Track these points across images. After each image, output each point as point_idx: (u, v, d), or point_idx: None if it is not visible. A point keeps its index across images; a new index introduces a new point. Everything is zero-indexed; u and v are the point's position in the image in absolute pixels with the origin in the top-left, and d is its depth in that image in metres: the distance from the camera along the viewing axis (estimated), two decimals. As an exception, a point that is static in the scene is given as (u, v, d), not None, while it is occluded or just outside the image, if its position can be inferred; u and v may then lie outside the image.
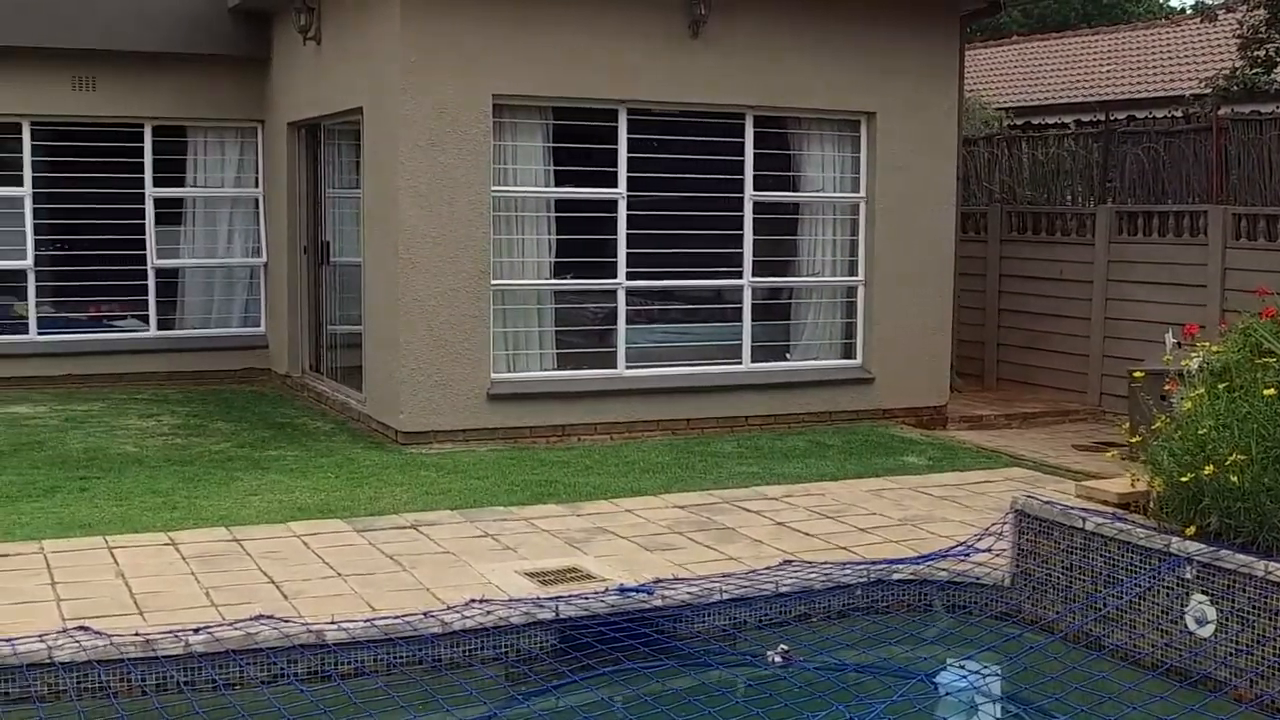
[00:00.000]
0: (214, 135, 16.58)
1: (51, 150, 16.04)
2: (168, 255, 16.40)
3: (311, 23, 14.23)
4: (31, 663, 6.75)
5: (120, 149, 16.08)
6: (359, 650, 7.16)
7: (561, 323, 13.37)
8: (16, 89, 15.60)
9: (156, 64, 15.95)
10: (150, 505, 10.10)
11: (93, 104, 15.93)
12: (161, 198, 16.32)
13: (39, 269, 15.92)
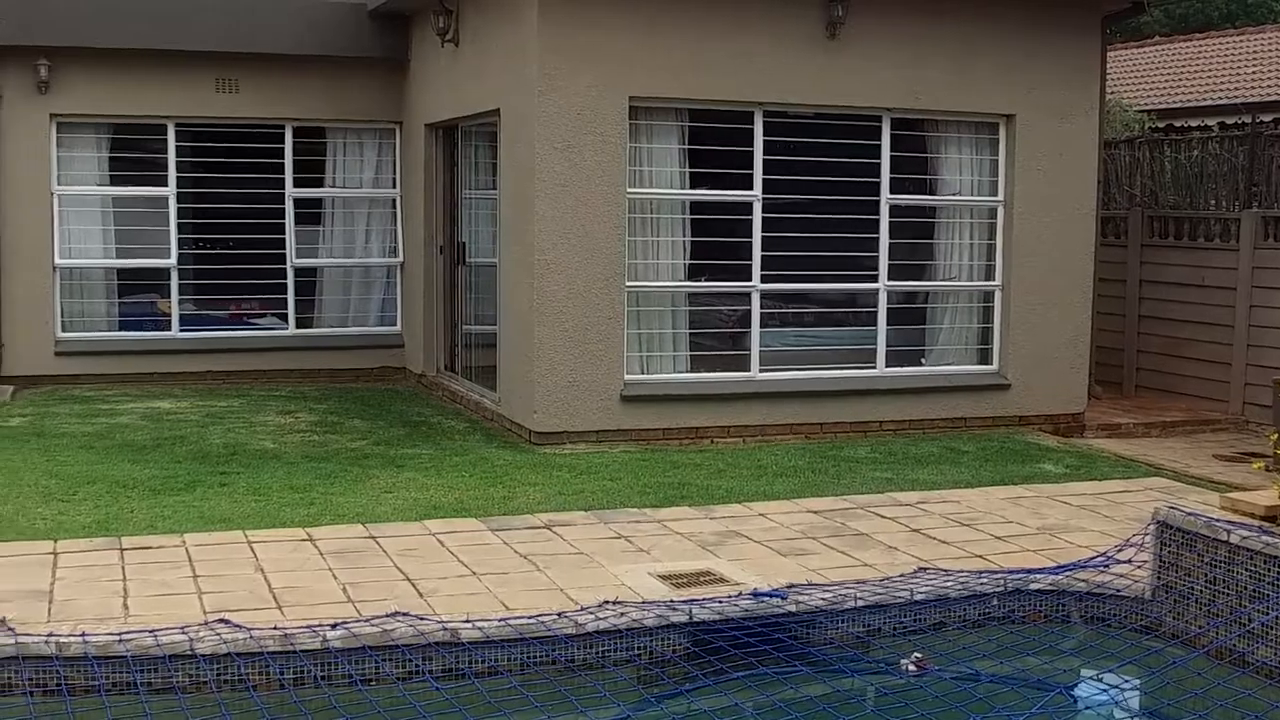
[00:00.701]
0: (353, 136, 16.80)
1: (195, 151, 16.36)
2: (307, 255, 16.66)
3: (450, 25, 14.35)
4: (174, 654, 6.87)
5: (261, 150, 16.37)
6: (493, 649, 7.20)
7: (695, 325, 13.36)
8: (162, 91, 15.93)
9: (298, 66, 16.20)
10: (288, 501, 10.24)
11: (235, 105, 16.21)
12: (301, 198, 16.58)
13: (181, 267, 16.25)
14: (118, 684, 6.81)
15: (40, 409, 14.17)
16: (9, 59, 15.44)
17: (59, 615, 7.37)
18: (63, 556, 8.56)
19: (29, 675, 6.80)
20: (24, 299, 15.65)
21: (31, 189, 15.62)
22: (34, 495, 10.35)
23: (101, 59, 15.66)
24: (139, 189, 16.15)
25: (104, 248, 16.10)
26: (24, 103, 15.56)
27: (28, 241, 15.63)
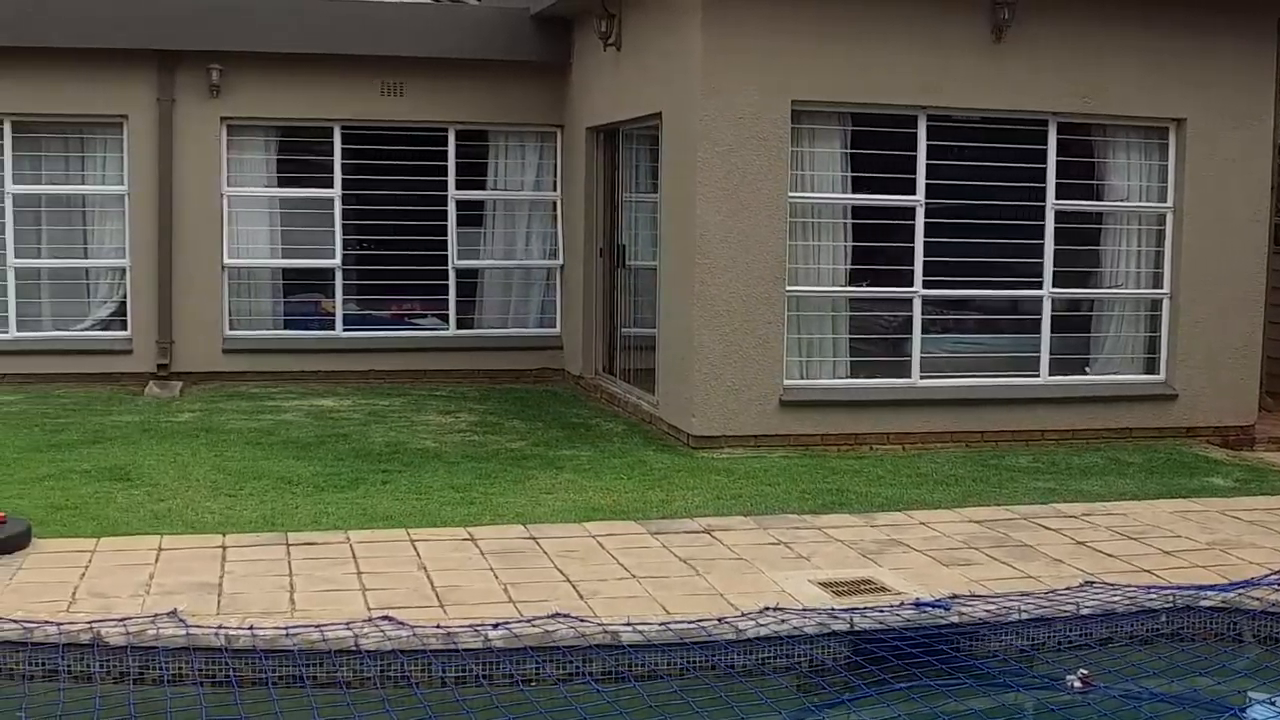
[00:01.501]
0: (514, 140, 16.94)
1: (359, 153, 16.59)
2: (468, 256, 16.82)
3: (612, 29, 14.40)
4: (339, 649, 6.97)
5: (425, 152, 16.57)
6: (653, 653, 7.19)
7: (855, 330, 13.25)
8: (328, 94, 16.21)
9: (461, 70, 16.37)
10: (449, 500, 10.34)
11: (399, 109, 16.43)
12: (463, 200, 16.76)
13: (345, 267, 16.51)
14: (284, 677, 6.92)
15: (208, 405, 14.48)
16: (182, 64, 15.81)
17: (227, 608, 7.51)
18: (231, 550, 8.73)
19: (199, 666, 6.94)
20: (193, 298, 16.01)
21: (202, 190, 15.98)
22: (202, 489, 10.58)
23: (270, 63, 15.97)
24: (305, 190, 16.46)
25: (270, 248, 16.44)
26: (196, 106, 15.92)
27: (198, 241, 15.99)
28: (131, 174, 15.93)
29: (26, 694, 6.84)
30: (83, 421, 13.45)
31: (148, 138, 15.86)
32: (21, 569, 8.24)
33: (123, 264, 16.06)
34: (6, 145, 15.82)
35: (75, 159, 16.16)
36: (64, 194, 16.14)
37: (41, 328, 16.11)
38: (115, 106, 15.89)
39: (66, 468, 11.28)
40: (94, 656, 7.00)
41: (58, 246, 16.19)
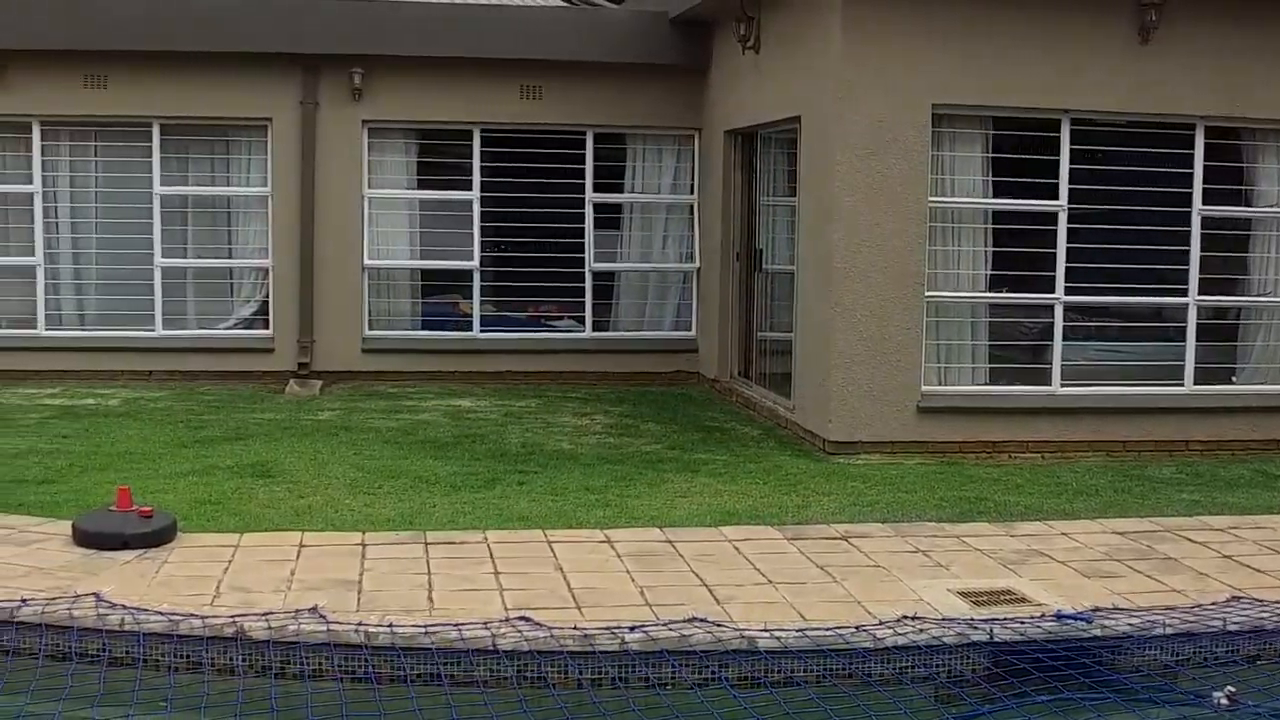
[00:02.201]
0: (652, 143, 16.96)
1: (498, 156, 16.71)
2: (605, 259, 16.88)
3: (751, 32, 14.36)
4: (476, 649, 7.00)
5: (563, 155, 16.66)
6: (789, 659, 7.15)
7: (994, 337, 13.08)
8: (469, 98, 16.36)
9: (600, 73, 16.42)
10: (585, 502, 10.37)
11: (538, 112, 16.53)
12: (600, 203, 16.81)
13: (483, 269, 16.63)
14: (421, 675, 6.97)
15: (347, 404, 14.67)
16: (325, 68, 16.05)
17: (367, 605, 7.59)
18: (370, 548, 8.82)
19: (339, 662, 7.02)
20: (334, 298, 16.24)
21: (343, 192, 16.21)
22: (342, 487, 10.71)
23: (411, 66, 16.15)
24: (445, 193, 16.63)
25: (410, 249, 16.63)
26: (338, 109, 16.15)
27: (338, 243, 16.21)
28: (275, 176, 16.20)
29: (172, 685, 6.96)
30: (225, 418, 13.69)
31: (291, 140, 16.11)
32: (167, 562, 8.40)
33: (265, 264, 16.34)
34: (155, 148, 16.16)
35: (220, 161, 16.49)
36: (209, 195, 16.45)
37: (186, 326, 16.44)
38: (260, 110, 16.17)
39: (210, 463, 11.49)
40: (237, 650, 7.11)
41: (203, 246, 16.52)
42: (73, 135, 16.28)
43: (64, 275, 16.41)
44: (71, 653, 7.24)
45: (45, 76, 15.89)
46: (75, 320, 16.46)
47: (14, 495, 10.24)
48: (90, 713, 6.77)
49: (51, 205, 16.28)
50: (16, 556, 8.49)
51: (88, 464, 11.45)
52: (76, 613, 7.37)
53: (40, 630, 7.33)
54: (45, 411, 13.99)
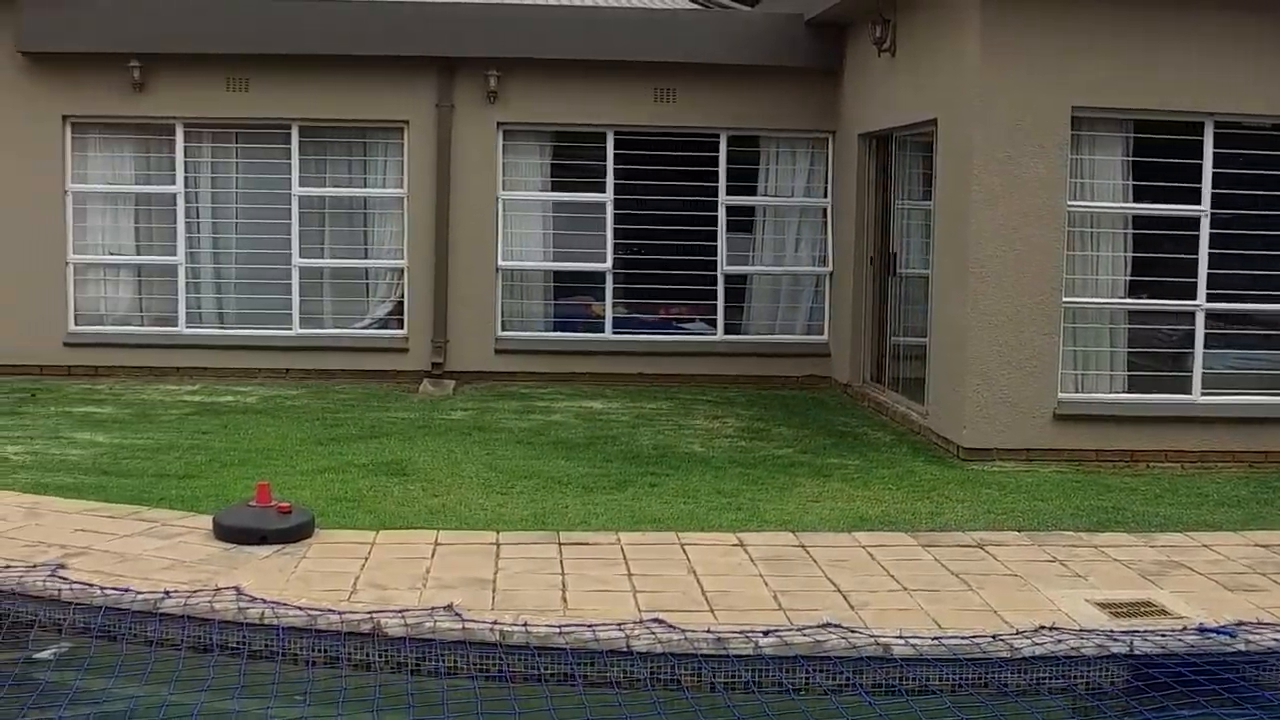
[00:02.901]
0: (785, 145, 16.91)
1: (631, 158, 16.74)
2: (737, 262, 16.85)
3: (887, 34, 14.26)
4: (610, 649, 7.01)
5: (696, 158, 16.66)
6: (925, 667, 7.07)
7: (1134, 344, 12.85)
8: (602, 100, 16.44)
9: (734, 76, 16.41)
10: (716, 505, 10.35)
11: (671, 114, 16.55)
12: (733, 205, 16.79)
13: (616, 271, 16.68)
14: (555, 675, 7.00)
15: (480, 404, 14.78)
16: (462, 71, 16.21)
17: (501, 604, 7.63)
18: (504, 548, 8.87)
19: (474, 660, 7.06)
20: (468, 299, 16.38)
21: (478, 194, 16.35)
22: (475, 486, 10.78)
23: (546, 69, 16.26)
24: (578, 194, 16.71)
25: (543, 251, 16.73)
26: (474, 112, 16.29)
27: (473, 244, 16.36)
28: (411, 177, 16.38)
29: (310, 680, 7.06)
30: (360, 417, 13.86)
31: (427, 142, 16.29)
32: (305, 558, 8.52)
33: (400, 264, 16.52)
34: (294, 149, 16.43)
35: (358, 163, 16.72)
36: (346, 196, 16.67)
37: (323, 325, 16.68)
38: (397, 112, 16.37)
39: (345, 461, 11.63)
40: (373, 646, 7.19)
41: (339, 247, 16.75)
42: (214, 137, 16.60)
43: (204, 274, 16.74)
44: (212, 645, 7.36)
45: (188, 79, 16.22)
46: (215, 319, 16.78)
47: (156, 489, 10.46)
48: (230, 704, 6.88)
49: (193, 205, 16.61)
50: (159, 550, 8.66)
51: (226, 460, 11.66)
52: (217, 606, 7.50)
53: (182, 622, 7.48)
54: (185, 408, 14.26)
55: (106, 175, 16.59)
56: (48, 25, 15.95)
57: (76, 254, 16.53)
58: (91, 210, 16.61)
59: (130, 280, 16.81)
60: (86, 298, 16.71)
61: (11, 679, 7.25)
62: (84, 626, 7.68)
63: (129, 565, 8.28)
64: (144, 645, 7.49)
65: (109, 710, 6.87)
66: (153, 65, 16.14)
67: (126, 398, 14.86)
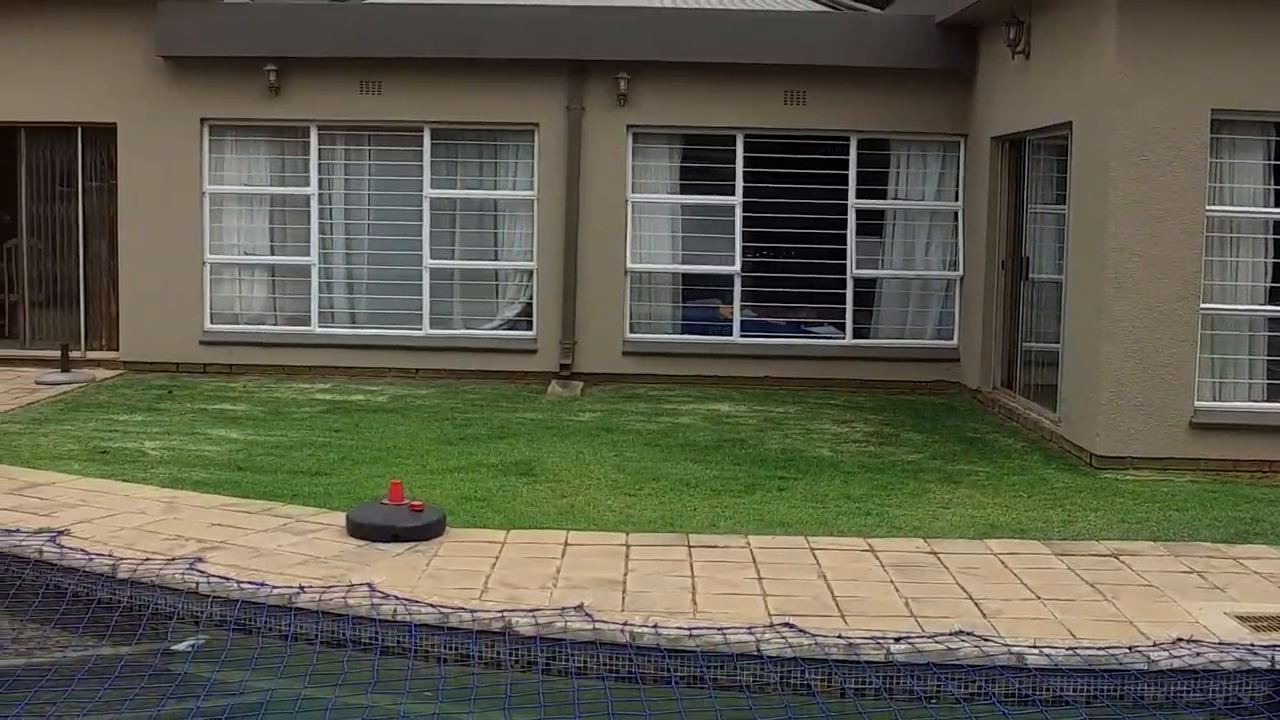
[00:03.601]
0: (916, 149, 16.77)
1: (760, 161, 16.70)
2: (866, 266, 16.75)
3: (1021, 36, 14.09)
4: (741, 653, 7.00)
5: (825, 161, 16.58)
6: (1059, 677, 6.97)
7: (1274, 352, 12.57)
8: (732, 103, 16.41)
9: (863, 78, 16.32)
10: (845, 510, 10.28)
11: (801, 117, 16.49)
12: (863, 209, 16.69)
13: (744, 274, 16.66)
14: (685, 677, 7.00)
15: (608, 406, 14.82)
16: (591, 74, 16.27)
17: (631, 605, 7.64)
18: (634, 549, 8.89)
19: (604, 660, 7.08)
20: (596, 300, 16.45)
21: (607, 196, 16.41)
22: (603, 488, 10.81)
23: (675, 72, 16.28)
24: (707, 197, 16.69)
25: (672, 253, 16.74)
26: (604, 114, 16.35)
27: (602, 246, 16.42)
28: (541, 179, 16.48)
29: (442, 677, 7.12)
30: (489, 417, 13.96)
31: (557, 145, 16.38)
32: (437, 556, 8.59)
33: (530, 266, 16.62)
34: (425, 151, 16.60)
35: (488, 165, 16.84)
36: (477, 198, 16.80)
37: (452, 326, 16.83)
38: (527, 115, 16.47)
39: (474, 460, 11.72)
40: (504, 644, 7.23)
41: (469, 249, 16.88)
42: (348, 140, 16.82)
43: (336, 275, 16.97)
44: (345, 640, 7.46)
45: (323, 83, 16.46)
46: (346, 318, 17.00)
47: (290, 486, 10.61)
48: (363, 699, 6.96)
49: (326, 207, 16.84)
50: (294, 545, 8.79)
51: (358, 458, 11.80)
52: (351, 601, 7.60)
53: (316, 617, 7.58)
54: (317, 406, 14.46)
55: (242, 177, 16.87)
56: (185, 30, 16.26)
57: (213, 254, 16.84)
58: (227, 211, 16.91)
59: (264, 280, 17.08)
60: (222, 297, 17.01)
61: (151, 670, 7.41)
62: (220, 619, 7.82)
63: (264, 560, 8.41)
64: (279, 639, 7.61)
65: (244, 702, 6.97)
66: (288, 69, 16.40)
67: (260, 395, 15.10)
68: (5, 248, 17.58)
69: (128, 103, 16.63)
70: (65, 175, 17.12)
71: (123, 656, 7.53)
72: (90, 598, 8.23)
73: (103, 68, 16.58)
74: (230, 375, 16.54)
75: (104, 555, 8.44)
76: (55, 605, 8.20)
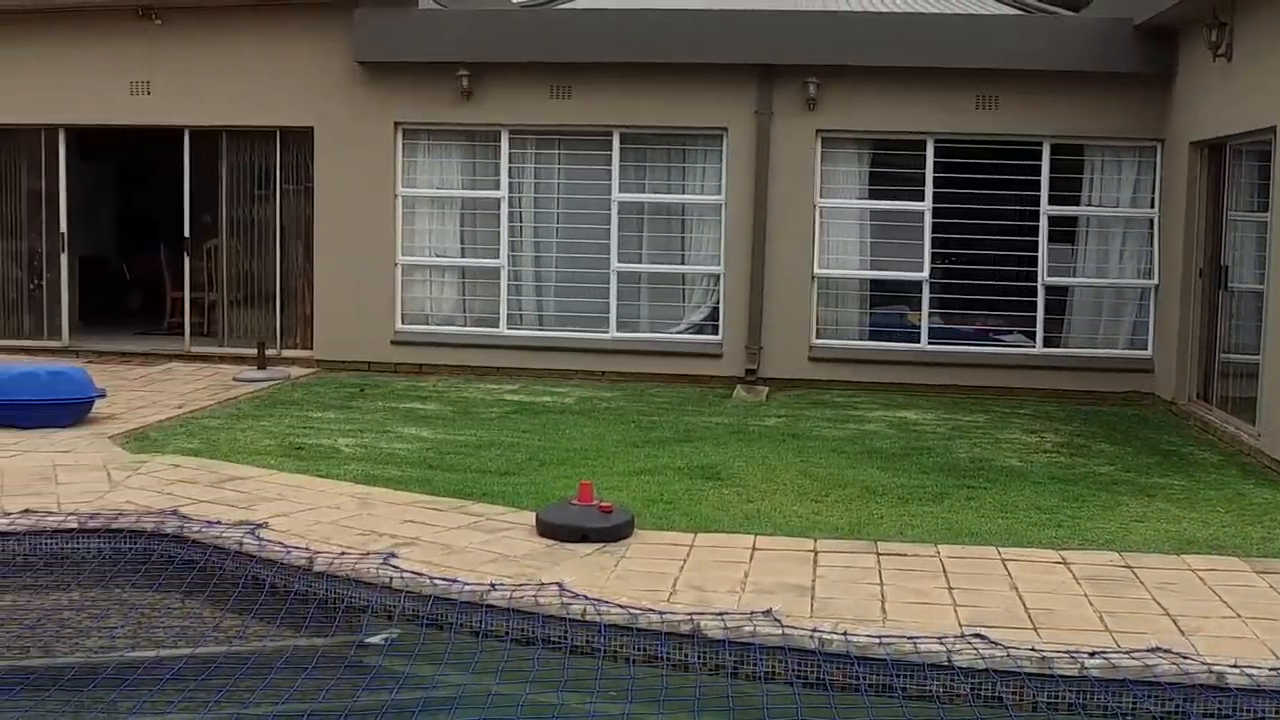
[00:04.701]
0: (1110, 154, 16.44)
1: (950, 166, 16.52)
2: (1058, 273, 16.46)
3: (1222, 39, 13.74)
4: (931, 663, 6.92)
5: (1017, 166, 16.34)
6: (1262, 699, 6.76)
7: None
8: (922, 107, 16.26)
9: (1057, 82, 16.05)
10: (1035, 521, 10.11)
11: (993, 122, 16.27)
12: (1055, 215, 16.41)
13: (933, 281, 16.49)
14: (874, 685, 6.94)
15: (793, 411, 14.77)
16: (780, 78, 16.25)
17: (820, 612, 7.60)
18: (821, 555, 8.84)
19: (792, 666, 7.06)
20: (783, 306, 16.41)
21: (795, 201, 16.38)
22: (789, 493, 10.78)
23: (865, 77, 16.19)
24: (896, 203, 16.55)
25: (859, 259, 16.63)
26: (792, 119, 16.32)
27: (789, 251, 16.39)
28: (729, 184, 16.50)
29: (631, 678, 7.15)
30: (674, 420, 14.00)
31: (745, 150, 16.39)
32: (625, 558, 8.64)
33: (716, 271, 16.65)
34: (614, 155, 16.72)
35: (676, 169, 16.90)
36: (665, 202, 16.86)
37: (638, 329, 16.93)
38: (716, 119, 16.50)
39: (660, 464, 11.76)
40: (692, 647, 7.24)
41: (656, 252, 16.96)
42: (538, 143, 17.01)
43: (525, 277, 17.17)
44: (535, 638, 7.53)
45: (514, 88, 16.69)
46: (534, 320, 17.19)
47: (479, 484, 10.76)
48: (553, 698, 7.02)
49: (516, 210, 17.05)
50: (484, 543, 8.90)
51: (545, 458, 11.91)
52: (541, 600, 7.67)
53: (507, 614, 7.67)
54: (505, 406, 14.63)
55: (434, 180, 17.16)
56: (382, 36, 16.60)
57: (404, 255, 17.14)
58: (419, 214, 17.21)
59: (454, 282, 17.35)
60: (413, 298, 17.32)
61: (346, 662, 7.56)
62: (413, 614, 7.95)
63: (455, 557, 8.53)
64: (470, 635, 7.71)
65: (436, 696, 7.08)
66: (480, 74, 16.64)
67: (449, 395, 15.33)
68: (205, 248, 18.11)
69: (325, 107, 17.03)
70: (263, 178, 17.57)
71: (319, 648, 7.71)
72: (287, 589, 8.42)
73: (301, 73, 16.99)
74: (420, 375, 16.83)
75: (301, 548, 8.64)
76: (253, 596, 8.42)
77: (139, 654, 7.56)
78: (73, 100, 17.68)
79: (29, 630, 7.99)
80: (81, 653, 7.62)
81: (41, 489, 10.21)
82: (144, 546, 9.18)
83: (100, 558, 9.16)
